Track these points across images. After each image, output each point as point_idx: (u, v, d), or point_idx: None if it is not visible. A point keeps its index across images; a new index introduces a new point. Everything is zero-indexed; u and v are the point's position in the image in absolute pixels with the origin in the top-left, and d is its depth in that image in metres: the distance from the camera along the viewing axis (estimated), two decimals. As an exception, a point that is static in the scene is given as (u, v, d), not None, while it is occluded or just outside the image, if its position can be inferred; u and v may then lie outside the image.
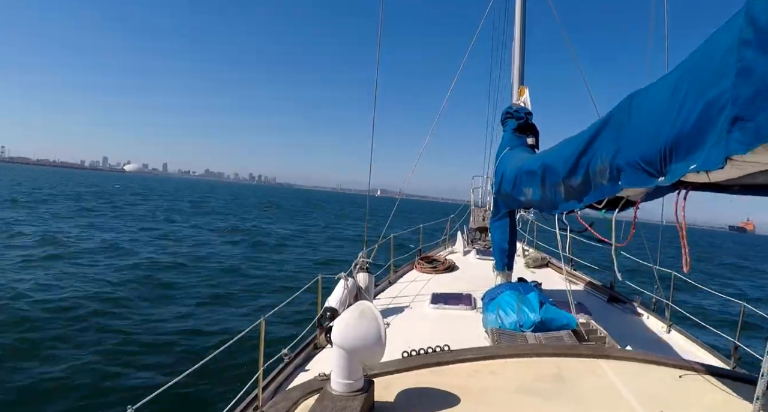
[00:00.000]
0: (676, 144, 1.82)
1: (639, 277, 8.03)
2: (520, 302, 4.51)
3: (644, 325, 5.83)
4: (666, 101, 1.88)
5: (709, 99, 1.58)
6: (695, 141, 1.70)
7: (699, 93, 1.65)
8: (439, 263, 8.46)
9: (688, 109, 1.72)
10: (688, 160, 1.76)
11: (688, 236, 1.91)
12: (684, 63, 1.83)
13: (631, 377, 2.74)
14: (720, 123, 1.52)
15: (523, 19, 7.87)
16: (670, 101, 1.84)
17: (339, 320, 2.27)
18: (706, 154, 1.63)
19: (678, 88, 1.81)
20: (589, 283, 7.68)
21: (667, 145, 1.87)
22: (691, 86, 1.72)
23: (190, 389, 7.03)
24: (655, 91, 2.06)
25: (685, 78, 1.78)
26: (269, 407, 2.46)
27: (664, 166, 1.95)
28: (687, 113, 1.72)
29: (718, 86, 1.54)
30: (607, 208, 2.83)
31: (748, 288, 24.93)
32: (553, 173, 3.33)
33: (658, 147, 1.93)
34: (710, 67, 1.60)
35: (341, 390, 2.17)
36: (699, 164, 1.68)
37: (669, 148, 1.87)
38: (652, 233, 7.04)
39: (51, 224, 24.77)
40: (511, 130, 5.94)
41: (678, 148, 1.82)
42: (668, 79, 1.93)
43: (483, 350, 3.17)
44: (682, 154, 1.80)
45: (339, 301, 4.97)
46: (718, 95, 1.53)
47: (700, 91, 1.65)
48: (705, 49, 1.69)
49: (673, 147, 1.85)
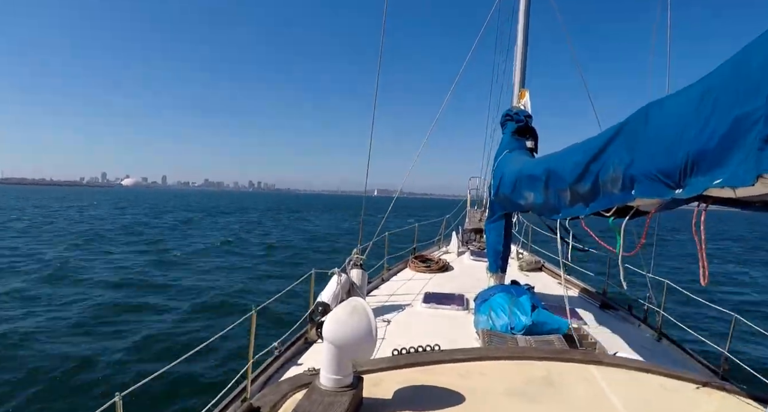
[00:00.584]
0: (698, 157, 1.79)
1: (631, 284, 8.06)
2: (512, 304, 4.52)
3: (635, 332, 5.85)
4: (689, 114, 1.86)
5: (739, 115, 1.55)
6: (721, 156, 1.67)
7: (727, 108, 1.62)
8: (432, 262, 8.47)
9: (714, 123, 1.69)
10: (712, 175, 1.73)
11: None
12: (711, 76, 1.80)
13: (621, 384, 2.75)
14: (750, 140, 1.50)
15: (527, 22, 7.85)
16: (695, 114, 1.81)
17: (331, 315, 2.27)
18: (733, 169, 1.61)
19: (704, 102, 1.77)
20: (582, 288, 7.70)
21: (688, 157, 1.84)
22: (718, 101, 1.69)
23: (178, 378, 7.02)
24: (677, 102, 2.03)
25: (712, 92, 1.75)
26: (257, 400, 2.45)
27: (683, 179, 1.92)
28: (713, 127, 1.69)
29: (750, 103, 1.51)
30: (615, 216, 2.81)
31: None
32: (559, 179, 3.31)
33: (678, 159, 1.91)
34: (741, 83, 1.57)
35: (330, 385, 2.16)
36: (725, 180, 1.66)
37: (691, 161, 1.84)
38: (648, 238, 7.04)
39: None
40: (511, 132, 5.93)
41: (701, 162, 1.79)
42: (692, 92, 1.90)
43: (473, 351, 3.17)
44: (705, 168, 1.78)
45: (331, 296, 4.96)
46: (750, 112, 1.51)
47: (728, 107, 1.62)
48: (735, 63, 1.66)
49: (695, 160, 1.82)
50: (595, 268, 10.59)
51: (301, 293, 5.42)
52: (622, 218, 2.74)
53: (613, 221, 2.81)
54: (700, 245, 1.87)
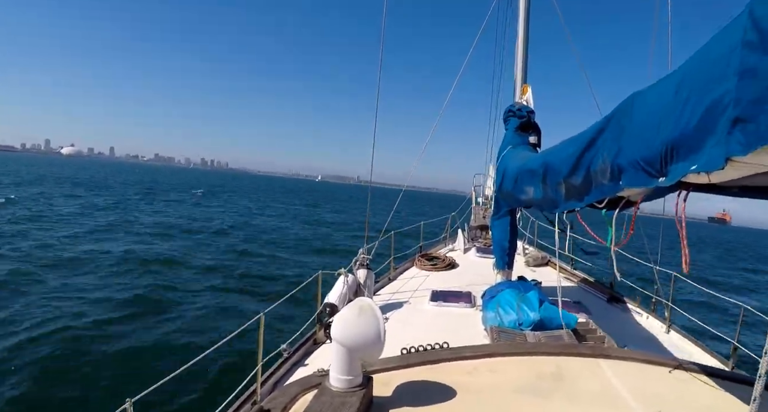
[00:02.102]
0: (677, 144, 1.82)
1: (639, 276, 8.02)
2: (519, 300, 4.51)
3: (643, 325, 5.83)
4: (668, 102, 1.88)
5: (712, 100, 1.58)
6: (697, 142, 1.70)
7: (701, 94, 1.65)
8: (439, 260, 8.46)
9: (690, 109, 1.72)
10: (689, 161, 1.76)
11: (672, 230, 1.92)
12: (686, 64, 1.83)
13: (630, 377, 2.74)
14: (722, 124, 1.52)
15: (527, 17, 7.83)
16: (673, 102, 1.84)
17: (338, 316, 2.27)
18: (707, 155, 1.63)
19: (680, 89, 1.80)
20: (589, 282, 7.68)
21: (668, 145, 1.87)
22: (693, 87, 1.72)
23: (189, 383, 7.05)
24: (658, 91, 2.05)
25: (687, 79, 1.78)
26: (268, 402, 2.46)
27: (665, 167, 1.95)
28: (689, 114, 1.72)
29: (720, 88, 1.53)
30: (607, 207, 2.83)
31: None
32: (555, 172, 3.33)
33: (659, 147, 1.94)
34: (713, 69, 1.60)
35: (340, 386, 2.17)
36: (700, 165, 1.68)
37: (670, 148, 1.87)
38: (654, 230, 7.02)
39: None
40: (513, 128, 5.92)
41: (679, 149, 1.82)
42: (670, 80, 1.92)
43: (482, 348, 3.17)
44: (683, 155, 1.80)
45: (339, 297, 4.97)
46: (721, 96, 1.53)
47: (702, 93, 1.65)
48: (708, 50, 1.68)
49: (674, 147, 1.85)
50: (601, 262, 10.56)
51: (308, 294, 5.43)
52: (614, 209, 2.77)
53: (605, 213, 2.83)
54: (682, 232, 1.90)
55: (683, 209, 1.94)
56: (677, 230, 1.93)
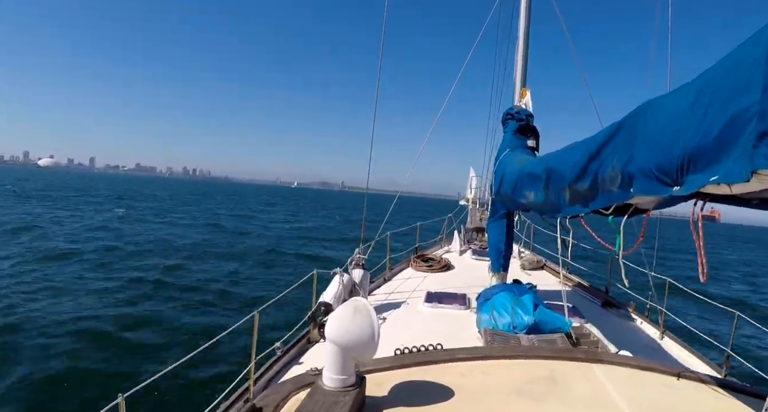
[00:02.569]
0: (695, 155, 1.80)
1: (633, 282, 8.03)
2: (514, 303, 4.51)
3: (637, 330, 5.85)
4: (686, 111, 1.86)
5: (734, 112, 1.56)
6: (717, 153, 1.67)
7: (723, 105, 1.63)
8: (434, 261, 8.46)
9: (710, 120, 1.69)
10: (709, 172, 1.74)
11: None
12: (707, 73, 1.81)
13: (623, 383, 2.75)
14: (745, 136, 1.51)
15: (528, 21, 7.85)
16: (691, 111, 1.82)
17: (333, 315, 2.27)
18: (729, 166, 1.61)
19: (700, 99, 1.78)
20: (584, 287, 7.69)
21: (685, 155, 1.85)
22: (714, 97, 1.69)
23: (181, 379, 7.04)
24: (675, 99, 2.03)
25: (708, 88, 1.75)
26: (260, 400, 2.46)
27: (680, 176, 1.93)
28: (709, 124, 1.69)
29: (744, 99, 1.52)
30: (614, 214, 2.82)
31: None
32: (559, 177, 3.31)
33: (675, 156, 1.91)
34: (736, 80, 1.58)
35: (333, 385, 2.17)
36: (721, 176, 1.66)
37: (687, 158, 1.84)
38: (649, 234, 7.03)
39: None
40: (512, 131, 5.93)
41: (698, 159, 1.80)
42: (689, 89, 1.90)
43: (476, 351, 3.17)
44: (702, 166, 1.78)
45: (334, 296, 4.96)
46: (744, 109, 1.51)
47: (724, 103, 1.62)
48: (731, 60, 1.66)
49: (692, 157, 1.82)
50: (596, 266, 10.59)
51: (303, 293, 5.42)
52: (621, 216, 2.75)
53: (612, 220, 2.82)
54: (699, 241, 1.88)
55: (699, 219, 1.92)
56: (693, 239, 1.87)
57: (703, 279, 1.88)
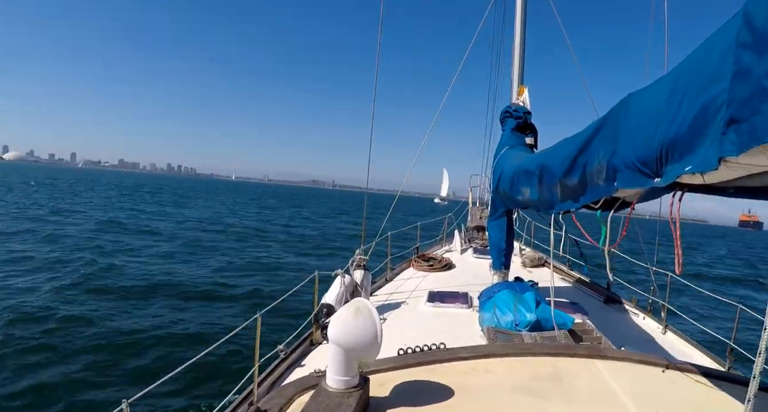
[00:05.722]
0: (672, 145, 1.83)
1: (635, 277, 8.03)
2: (516, 301, 4.52)
3: (640, 325, 5.85)
4: (663, 103, 1.89)
5: (706, 101, 1.58)
6: (691, 142, 1.70)
7: (696, 95, 1.65)
8: (435, 261, 8.47)
9: (684, 110, 1.72)
10: (684, 162, 1.76)
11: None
12: (681, 64, 1.84)
13: (626, 378, 2.75)
14: (716, 125, 1.53)
15: (524, 18, 7.86)
16: (667, 103, 1.85)
17: (335, 316, 2.27)
18: (701, 155, 1.64)
19: (675, 90, 1.81)
20: (586, 283, 7.70)
21: (663, 146, 1.88)
22: (688, 88, 1.72)
23: (185, 384, 7.05)
24: (652, 92, 2.06)
25: (682, 79, 1.78)
26: (264, 403, 2.46)
27: (660, 168, 1.96)
28: (683, 115, 1.72)
29: (714, 88, 1.54)
30: (603, 208, 2.84)
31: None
32: (550, 173, 3.34)
33: (654, 148, 1.94)
34: (707, 69, 1.60)
35: (336, 387, 2.17)
36: (694, 165, 1.69)
37: (665, 149, 1.87)
38: (651, 231, 7.04)
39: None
40: (510, 129, 5.94)
41: (674, 150, 1.83)
42: (666, 81, 1.93)
43: (479, 349, 3.17)
44: (678, 156, 1.81)
45: (336, 297, 4.97)
46: (715, 97, 1.53)
47: (696, 93, 1.65)
48: (702, 50, 1.69)
49: (669, 148, 1.85)
50: (598, 262, 10.59)
51: (305, 295, 5.43)
52: (609, 210, 2.77)
53: (600, 214, 2.84)
54: (676, 233, 1.90)
55: (678, 209, 1.95)
56: (671, 231, 1.93)
57: (678, 271, 1.90)
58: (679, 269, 1.89)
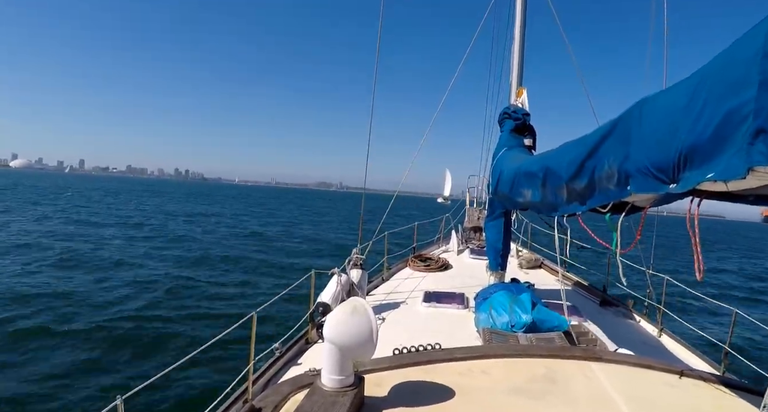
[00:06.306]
0: (691, 152, 1.80)
1: (631, 280, 8.03)
2: (512, 302, 4.52)
3: (636, 328, 5.86)
4: (681, 109, 1.86)
5: (730, 108, 1.56)
6: (713, 150, 1.68)
7: (718, 102, 1.63)
8: (432, 261, 8.47)
9: (706, 117, 1.69)
10: (705, 169, 1.74)
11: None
12: (702, 70, 1.81)
13: (622, 380, 2.75)
14: (741, 133, 1.51)
15: (524, 20, 7.86)
16: (686, 108, 1.82)
17: (331, 315, 2.26)
18: (725, 163, 1.61)
19: (696, 96, 1.78)
20: (582, 285, 7.70)
21: (681, 152, 1.85)
22: (710, 94, 1.69)
23: (180, 380, 7.03)
24: (669, 97, 2.03)
25: (703, 86, 1.75)
26: (259, 401, 2.45)
27: (677, 174, 1.93)
28: (705, 122, 1.69)
29: (739, 96, 1.52)
30: (611, 212, 2.82)
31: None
32: (555, 176, 3.31)
33: (671, 154, 1.91)
34: (731, 77, 1.58)
35: (331, 386, 2.16)
36: (717, 173, 1.66)
37: (684, 155, 1.85)
38: (647, 232, 7.04)
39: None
40: (509, 130, 5.93)
41: (694, 156, 1.80)
42: (684, 86, 1.90)
43: (474, 350, 3.17)
44: (698, 163, 1.78)
45: (332, 296, 4.96)
46: (740, 105, 1.51)
47: (719, 100, 1.62)
48: (726, 57, 1.66)
49: (688, 155, 1.82)
50: (594, 265, 10.60)
51: (301, 293, 5.42)
52: (618, 214, 2.75)
53: (609, 218, 2.82)
54: (695, 238, 1.88)
55: (696, 215, 1.92)
56: (690, 236, 1.87)
57: (699, 277, 1.87)
58: (700, 276, 1.86)
